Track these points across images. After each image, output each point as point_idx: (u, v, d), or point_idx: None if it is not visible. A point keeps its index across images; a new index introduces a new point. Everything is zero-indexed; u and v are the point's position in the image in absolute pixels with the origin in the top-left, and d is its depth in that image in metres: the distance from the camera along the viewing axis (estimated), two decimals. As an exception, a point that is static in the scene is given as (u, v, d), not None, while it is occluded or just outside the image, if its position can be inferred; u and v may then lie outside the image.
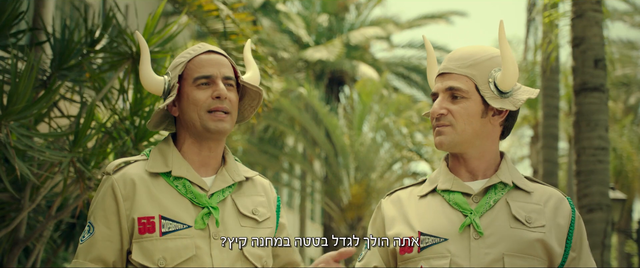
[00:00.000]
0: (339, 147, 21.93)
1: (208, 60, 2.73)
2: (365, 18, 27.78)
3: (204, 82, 2.70)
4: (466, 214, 2.63)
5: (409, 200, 2.78)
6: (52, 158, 4.80)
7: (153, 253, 2.59)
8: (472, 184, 2.71)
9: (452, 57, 2.72)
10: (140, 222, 2.61)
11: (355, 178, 21.98)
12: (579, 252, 2.71)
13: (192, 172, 2.69)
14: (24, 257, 5.71)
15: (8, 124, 4.41)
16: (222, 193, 2.71)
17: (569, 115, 24.64)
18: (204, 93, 2.69)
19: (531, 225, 2.62)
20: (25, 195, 5.10)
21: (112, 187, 2.66)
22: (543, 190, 2.75)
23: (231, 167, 2.78)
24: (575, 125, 8.78)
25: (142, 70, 2.74)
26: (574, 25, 8.91)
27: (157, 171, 2.69)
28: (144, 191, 2.65)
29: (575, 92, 8.80)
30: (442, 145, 2.69)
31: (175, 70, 2.73)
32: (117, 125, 5.35)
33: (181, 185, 2.68)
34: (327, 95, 25.87)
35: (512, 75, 2.66)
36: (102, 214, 2.65)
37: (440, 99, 2.69)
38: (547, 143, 15.02)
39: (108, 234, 2.63)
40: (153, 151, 2.76)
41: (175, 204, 2.65)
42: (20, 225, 5.22)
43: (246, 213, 2.74)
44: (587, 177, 8.60)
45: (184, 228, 2.62)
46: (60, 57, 5.34)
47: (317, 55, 24.42)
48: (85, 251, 2.63)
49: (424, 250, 2.64)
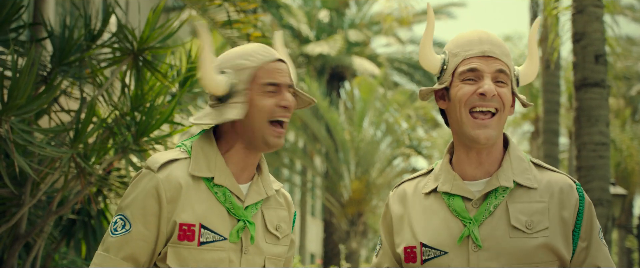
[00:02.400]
0: (339, 143, 21.92)
1: (277, 69, 2.65)
2: (365, 13, 27.78)
3: (272, 90, 2.63)
4: (465, 224, 2.57)
5: (414, 198, 2.73)
6: (52, 154, 4.79)
7: (189, 261, 2.56)
8: (473, 185, 2.64)
9: (491, 41, 2.65)
10: (181, 229, 2.56)
11: (356, 173, 21.98)
12: (588, 240, 2.62)
13: (233, 182, 2.64)
14: (25, 252, 5.71)
15: (8, 119, 4.41)
16: (255, 207, 2.68)
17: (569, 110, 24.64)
18: (271, 100, 2.62)
19: (532, 230, 2.55)
20: (25, 191, 5.09)
21: (157, 188, 2.58)
22: (549, 181, 2.66)
23: (266, 178, 2.74)
24: (575, 120, 8.78)
25: (203, 69, 2.59)
26: (575, 20, 8.92)
27: (200, 175, 2.62)
28: (188, 196, 2.59)
29: (576, 88, 8.81)
30: (490, 139, 2.59)
31: (241, 74, 2.62)
32: (118, 120, 5.34)
33: (221, 193, 2.62)
34: (328, 91, 25.86)
35: (535, 72, 2.68)
36: (142, 213, 2.57)
37: (488, 80, 2.59)
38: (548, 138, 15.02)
39: (145, 235, 2.57)
40: (195, 149, 2.67)
41: (214, 212, 2.60)
42: (20, 221, 5.22)
43: (271, 229, 2.71)
44: (588, 172, 8.60)
45: (220, 240, 2.59)
46: (61, 53, 5.34)
47: (318, 50, 24.43)
48: (118, 247, 2.57)
49: (426, 262, 2.61)
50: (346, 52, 25.89)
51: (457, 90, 2.62)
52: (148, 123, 5.19)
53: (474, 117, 2.60)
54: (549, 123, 15.05)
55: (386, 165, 22.28)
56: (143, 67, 5.36)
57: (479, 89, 2.58)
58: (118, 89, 5.67)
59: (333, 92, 26.55)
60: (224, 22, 6.52)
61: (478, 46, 2.63)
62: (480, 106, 2.58)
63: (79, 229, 6.15)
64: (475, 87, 2.59)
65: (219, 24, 6.58)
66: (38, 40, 5.46)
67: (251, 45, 2.71)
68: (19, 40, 5.29)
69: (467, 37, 2.68)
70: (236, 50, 2.69)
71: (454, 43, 2.70)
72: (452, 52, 2.68)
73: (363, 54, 26.49)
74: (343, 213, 21.95)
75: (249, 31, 6.46)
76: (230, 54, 2.68)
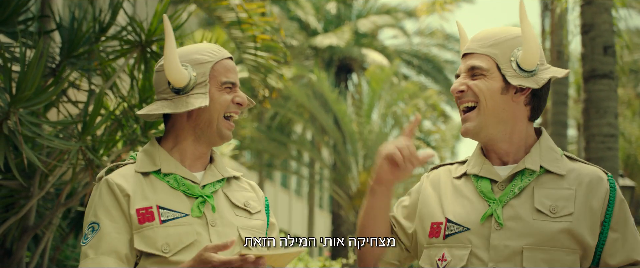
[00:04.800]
0: (347, 135, 21.93)
1: (232, 67, 2.80)
2: (373, 5, 27.74)
3: (229, 86, 2.76)
4: (490, 204, 2.62)
5: (446, 181, 2.80)
6: (61, 146, 4.80)
7: (156, 240, 2.60)
8: (501, 169, 2.69)
9: (475, 38, 2.73)
10: (139, 213, 2.62)
11: (364, 165, 21.99)
12: (622, 232, 2.63)
13: (181, 168, 2.73)
14: (33, 244, 5.73)
15: (17, 111, 4.41)
16: (213, 186, 2.76)
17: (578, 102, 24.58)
18: (228, 97, 2.75)
19: (556, 215, 2.57)
20: (34, 183, 5.11)
21: (108, 185, 2.66)
22: (580, 171, 2.69)
23: (219, 164, 2.84)
24: (584, 112, 8.76)
25: (170, 58, 2.71)
26: (584, 12, 8.89)
27: (147, 170, 2.72)
28: (138, 187, 2.67)
29: (585, 79, 8.79)
30: (468, 132, 2.68)
31: (201, 68, 2.75)
32: (126, 112, 5.35)
33: (172, 179, 2.71)
34: (336, 83, 25.85)
35: (533, 53, 2.64)
36: (104, 210, 2.63)
37: (461, 77, 2.70)
38: (556, 130, 14.97)
39: (115, 227, 2.61)
40: (139, 154, 2.78)
41: (170, 197, 2.68)
42: (29, 213, 5.23)
43: (239, 204, 2.79)
44: (596, 164, 8.56)
45: (182, 216, 2.65)
46: (69, 45, 5.35)
47: (327, 42, 24.42)
48: (95, 247, 2.59)
49: (448, 237, 2.65)
50: (354, 43, 25.87)
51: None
52: (156, 115, 5.19)
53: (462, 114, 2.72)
54: (557, 114, 15.00)
55: (394, 157, 22.25)
56: (151, 59, 5.36)
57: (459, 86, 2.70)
58: (126, 81, 5.68)
59: (341, 83, 26.55)
60: (230, 22, 6.53)
61: (465, 47, 2.75)
62: (459, 103, 2.71)
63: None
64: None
65: (225, 23, 6.59)
66: (46, 33, 5.46)
67: (202, 44, 2.85)
68: (27, 32, 5.30)
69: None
70: (189, 47, 2.82)
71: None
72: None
73: (371, 46, 26.47)
74: (351, 206, 21.97)
75: (255, 33, 6.46)
76: (185, 50, 2.80)
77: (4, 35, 5.36)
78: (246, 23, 6.45)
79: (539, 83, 2.67)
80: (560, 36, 14.36)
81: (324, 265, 12.84)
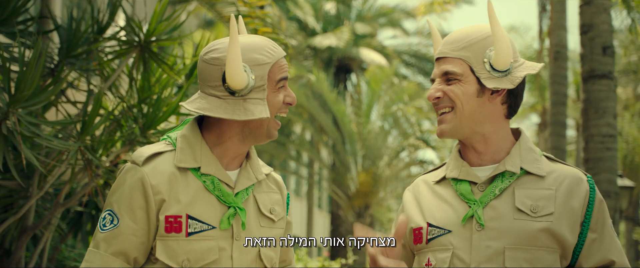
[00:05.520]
0: (346, 135, 21.92)
1: (285, 64, 2.66)
2: (372, 5, 27.74)
3: (282, 85, 2.64)
4: (470, 205, 2.63)
5: (425, 187, 2.81)
6: (59, 147, 4.80)
7: (178, 253, 2.55)
8: (480, 170, 2.70)
9: (447, 41, 2.71)
10: (167, 221, 2.55)
11: (363, 166, 21.98)
12: (600, 232, 2.65)
13: (219, 169, 2.63)
14: (32, 244, 5.73)
15: (16, 111, 4.41)
16: (246, 192, 2.67)
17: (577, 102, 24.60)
18: (280, 96, 2.63)
19: (537, 214, 2.59)
20: (33, 183, 5.10)
21: (142, 181, 2.56)
22: (560, 172, 2.69)
23: (255, 164, 2.74)
24: (583, 112, 8.77)
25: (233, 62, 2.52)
26: (583, 12, 8.90)
27: (186, 166, 2.60)
28: (173, 188, 2.58)
29: (584, 79, 8.80)
30: (443, 133, 2.69)
31: (259, 70, 2.59)
32: (125, 113, 5.35)
33: (209, 181, 2.61)
34: (335, 83, 25.85)
35: (506, 53, 2.62)
36: (129, 207, 2.55)
37: (436, 83, 2.69)
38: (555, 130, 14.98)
39: (134, 229, 2.55)
40: (180, 141, 2.65)
41: (202, 201, 2.60)
42: (28, 213, 5.23)
43: (265, 212, 2.71)
44: (595, 164, 8.59)
45: (209, 229, 2.58)
46: (68, 45, 5.35)
47: (326, 42, 24.41)
48: (107, 242, 2.55)
49: (431, 241, 2.66)
50: (353, 44, 25.87)
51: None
52: (155, 115, 5.19)
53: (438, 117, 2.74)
54: (556, 115, 15.00)
55: (393, 157, 22.27)
56: (150, 59, 5.36)
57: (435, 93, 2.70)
58: (125, 81, 5.68)
59: (340, 84, 26.54)
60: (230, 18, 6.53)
61: (438, 51, 2.73)
62: (436, 109, 2.71)
63: (87, 222, 6.16)
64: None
65: (226, 18, 6.59)
66: (45, 33, 5.46)
67: (257, 38, 2.67)
68: (26, 32, 5.29)
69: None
70: (247, 43, 2.63)
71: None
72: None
73: (370, 46, 26.47)
74: (350, 206, 21.96)
75: (256, 27, 6.46)
76: (242, 46, 2.61)
77: (3, 35, 5.36)
78: (247, 17, 6.45)
79: (514, 82, 2.65)
80: (560, 36, 14.37)
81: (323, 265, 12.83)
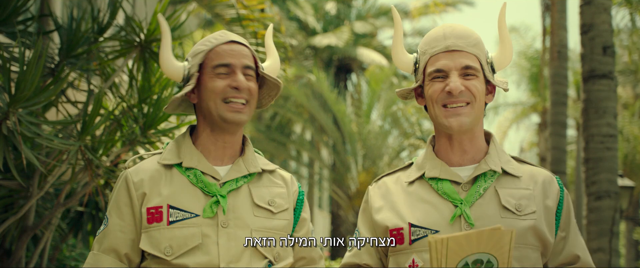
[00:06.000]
0: (347, 135, 21.90)
1: (230, 50, 2.74)
2: (372, 5, 27.73)
3: (224, 71, 2.71)
4: (456, 204, 2.64)
5: (396, 187, 2.79)
6: (60, 146, 4.80)
7: (160, 242, 2.61)
8: (460, 170, 2.72)
9: (456, 34, 2.72)
10: (149, 212, 2.64)
11: (363, 165, 21.96)
12: (567, 230, 2.73)
13: (203, 162, 2.71)
14: (33, 244, 5.73)
15: (16, 111, 4.41)
16: (235, 183, 2.72)
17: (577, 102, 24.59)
18: (222, 82, 2.71)
19: (521, 213, 2.63)
20: (33, 183, 5.10)
21: (126, 180, 2.70)
22: (531, 172, 2.75)
23: (248, 158, 2.80)
24: (583, 112, 8.76)
25: (162, 56, 2.76)
26: (583, 12, 8.89)
27: (168, 163, 2.72)
28: (156, 182, 2.68)
29: (584, 79, 8.79)
30: (464, 125, 2.67)
31: (195, 58, 2.75)
32: (125, 112, 5.35)
33: (192, 175, 2.69)
34: (335, 83, 25.83)
35: (509, 57, 2.71)
36: (116, 206, 2.69)
37: (454, 76, 2.67)
38: (556, 130, 14.96)
39: (120, 225, 2.67)
40: (170, 144, 2.80)
41: (186, 194, 2.67)
42: (28, 213, 5.23)
43: (261, 203, 2.74)
44: (596, 164, 8.59)
45: (192, 217, 2.63)
46: (68, 45, 5.34)
47: (326, 42, 24.40)
48: (99, 242, 2.68)
49: (415, 242, 2.65)
50: (353, 43, 25.85)
51: (428, 88, 2.72)
52: (155, 115, 5.20)
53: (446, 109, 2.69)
54: (557, 115, 14.98)
55: (394, 157, 22.26)
56: (150, 59, 5.36)
57: (446, 87, 2.66)
58: (125, 81, 5.68)
59: (340, 83, 26.53)
60: (230, 19, 6.53)
61: (443, 42, 2.71)
62: (451, 103, 2.67)
63: (87, 221, 6.16)
64: (444, 85, 2.67)
65: (226, 20, 6.58)
66: (46, 33, 5.46)
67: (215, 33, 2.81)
68: (26, 32, 5.29)
69: (433, 34, 2.76)
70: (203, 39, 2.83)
71: (423, 41, 2.79)
72: (421, 51, 2.77)
73: (370, 46, 26.45)
74: (350, 206, 21.94)
75: (256, 29, 6.46)
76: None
77: (3, 35, 5.36)
78: (246, 19, 6.45)
79: (504, 86, 2.73)
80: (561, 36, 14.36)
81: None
